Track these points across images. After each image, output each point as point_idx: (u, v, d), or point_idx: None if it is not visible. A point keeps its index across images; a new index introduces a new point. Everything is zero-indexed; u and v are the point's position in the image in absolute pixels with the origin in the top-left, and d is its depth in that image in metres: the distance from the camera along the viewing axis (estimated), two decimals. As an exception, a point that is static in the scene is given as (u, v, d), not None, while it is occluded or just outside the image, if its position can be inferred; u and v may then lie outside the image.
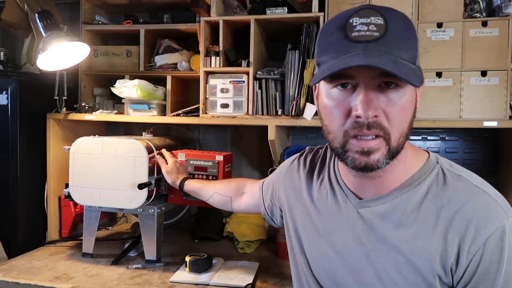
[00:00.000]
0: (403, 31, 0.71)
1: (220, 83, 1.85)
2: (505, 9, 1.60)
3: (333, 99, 0.75)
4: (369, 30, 0.68)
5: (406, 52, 0.70)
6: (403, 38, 0.70)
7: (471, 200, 0.75)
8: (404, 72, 0.66)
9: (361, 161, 0.73)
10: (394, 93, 0.71)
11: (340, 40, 0.70)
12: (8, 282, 1.55)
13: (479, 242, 0.72)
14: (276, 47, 2.09)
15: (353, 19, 0.70)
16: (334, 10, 1.74)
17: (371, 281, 0.81)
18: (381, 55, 0.67)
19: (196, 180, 1.62)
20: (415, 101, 0.77)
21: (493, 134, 2.01)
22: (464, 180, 0.79)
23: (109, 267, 1.70)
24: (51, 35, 1.69)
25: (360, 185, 0.85)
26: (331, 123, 0.76)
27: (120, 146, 1.69)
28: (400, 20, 0.71)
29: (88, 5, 2.20)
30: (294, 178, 1.03)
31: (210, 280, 1.56)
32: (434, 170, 0.81)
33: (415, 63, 0.72)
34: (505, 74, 1.61)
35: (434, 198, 0.78)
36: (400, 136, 0.73)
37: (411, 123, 0.75)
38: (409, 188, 0.80)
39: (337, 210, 0.88)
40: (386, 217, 0.80)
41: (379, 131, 0.71)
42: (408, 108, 0.74)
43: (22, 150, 1.96)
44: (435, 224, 0.76)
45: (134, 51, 2.10)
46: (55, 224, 2.08)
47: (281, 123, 1.77)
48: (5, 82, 1.93)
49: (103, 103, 2.19)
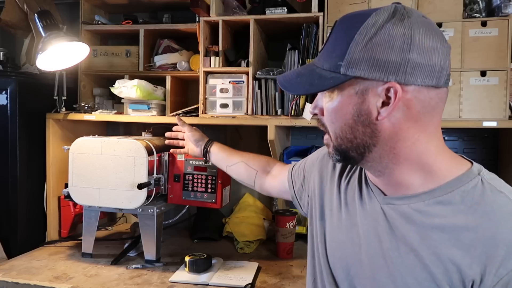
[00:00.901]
0: (337, 38, 0.75)
1: (220, 83, 1.86)
2: (504, 9, 1.60)
3: None
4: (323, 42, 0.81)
5: (328, 60, 0.76)
6: (332, 46, 0.76)
7: (508, 220, 0.70)
8: (288, 85, 0.82)
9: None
10: (326, 97, 0.79)
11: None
12: (7, 282, 1.55)
13: (509, 267, 0.67)
14: (276, 47, 2.09)
15: None
16: (333, 10, 1.74)
17: (385, 280, 0.79)
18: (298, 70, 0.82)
19: (219, 145, 1.55)
20: (358, 108, 0.74)
21: (492, 134, 2.01)
22: (504, 197, 0.72)
23: (109, 267, 1.70)
24: (51, 35, 1.69)
25: (381, 182, 0.84)
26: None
27: (119, 146, 1.69)
28: (343, 25, 0.76)
29: (87, 5, 2.20)
30: (329, 165, 1.02)
31: (209, 280, 1.56)
32: (473, 181, 0.75)
33: (337, 71, 0.73)
34: (505, 74, 1.61)
35: (466, 209, 0.72)
36: (336, 137, 0.79)
37: (351, 128, 0.76)
38: (440, 194, 0.75)
39: (363, 204, 0.87)
40: (410, 218, 0.77)
41: (321, 126, 0.83)
42: (336, 112, 0.77)
43: (22, 150, 1.96)
44: (461, 236, 0.71)
45: (134, 51, 2.10)
46: (54, 224, 2.08)
47: (281, 123, 1.77)
48: (4, 82, 1.93)
49: (102, 103, 2.19)
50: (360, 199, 0.89)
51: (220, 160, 1.49)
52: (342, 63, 0.72)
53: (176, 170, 1.80)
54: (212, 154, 1.50)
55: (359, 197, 0.89)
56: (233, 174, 1.45)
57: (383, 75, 0.70)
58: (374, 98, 0.73)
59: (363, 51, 0.71)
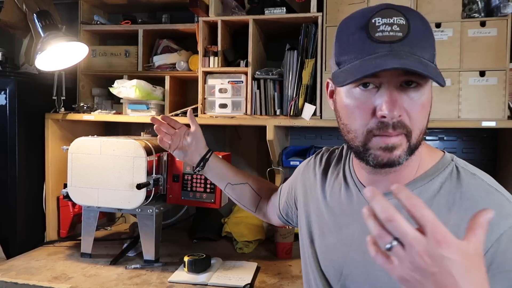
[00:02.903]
0: (423, 30, 0.72)
1: (219, 83, 1.85)
2: (503, 9, 1.59)
3: (355, 98, 0.75)
4: (392, 31, 0.69)
5: (426, 51, 0.72)
6: (423, 38, 0.72)
7: (484, 197, 0.76)
8: (432, 72, 0.68)
9: (383, 157, 0.75)
10: (415, 92, 0.72)
11: (363, 40, 0.71)
12: (6, 282, 1.55)
13: (492, 239, 0.71)
14: (275, 47, 2.09)
15: (375, 19, 0.71)
16: (332, 10, 1.74)
17: (379, 273, 0.81)
18: (407, 56, 0.68)
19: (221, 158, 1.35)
20: (431, 99, 0.78)
21: (491, 134, 2.01)
22: (478, 178, 0.79)
23: (108, 267, 1.70)
24: (50, 35, 1.69)
25: (373, 181, 0.85)
26: (352, 123, 0.77)
27: (118, 146, 1.69)
28: (419, 20, 0.73)
29: (86, 5, 2.20)
30: (310, 175, 1.04)
31: (208, 280, 1.56)
32: (448, 168, 0.81)
33: (433, 62, 0.73)
34: (504, 74, 1.61)
35: (446, 194, 0.78)
36: (420, 133, 0.75)
37: (428, 119, 0.77)
38: (422, 184, 0.81)
39: (350, 205, 0.89)
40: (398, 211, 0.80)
41: (402, 129, 0.73)
42: (427, 106, 0.76)
43: (21, 150, 1.96)
44: (446, 219, 0.74)
45: (133, 51, 2.10)
46: (53, 224, 2.08)
47: (280, 123, 1.77)
48: (3, 82, 1.93)
49: (101, 103, 2.19)
50: (347, 200, 0.90)
51: (222, 175, 1.30)
52: (435, 54, 0.74)
53: (175, 170, 1.80)
54: (212, 166, 1.28)
55: (346, 197, 0.91)
56: (234, 194, 1.30)
57: None
58: (431, 89, 0.77)
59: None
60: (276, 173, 1.96)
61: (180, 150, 1.28)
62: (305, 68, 1.73)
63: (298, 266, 1.74)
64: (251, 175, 1.33)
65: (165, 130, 1.28)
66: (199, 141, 1.29)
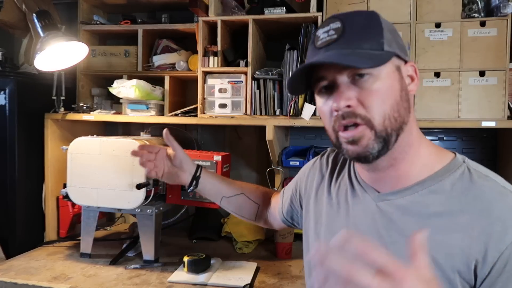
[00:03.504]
0: (363, 25, 0.77)
1: (218, 83, 1.85)
2: (503, 9, 1.60)
3: (320, 102, 0.83)
4: (328, 36, 0.77)
5: (366, 41, 0.76)
6: (362, 30, 0.77)
7: (498, 199, 0.75)
8: (350, 60, 0.73)
9: (353, 150, 0.78)
10: (366, 81, 0.76)
11: (311, 51, 0.82)
12: (6, 283, 1.55)
13: (507, 241, 0.71)
14: (274, 47, 2.09)
15: (318, 31, 0.80)
16: (332, 10, 1.74)
17: None
18: (337, 51, 0.76)
19: (211, 172, 1.30)
20: (399, 81, 0.79)
21: (491, 134, 2.01)
22: (491, 180, 0.79)
23: (107, 267, 1.70)
24: (49, 35, 1.69)
25: (377, 179, 0.86)
26: (326, 124, 0.83)
27: (118, 146, 1.69)
28: (360, 17, 0.79)
29: (86, 5, 2.20)
30: (317, 177, 1.04)
31: (208, 280, 1.56)
32: (460, 169, 0.81)
33: (382, 49, 0.76)
34: (503, 74, 1.61)
35: (458, 195, 0.78)
36: (384, 118, 0.76)
37: (398, 103, 0.77)
38: (431, 184, 0.80)
39: (356, 205, 0.89)
40: (407, 210, 0.81)
41: (355, 119, 0.76)
42: (386, 91, 0.76)
43: (20, 150, 1.96)
44: (458, 220, 0.76)
45: (132, 51, 2.10)
46: (53, 224, 2.08)
47: (279, 123, 1.77)
48: (3, 82, 1.93)
49: (101, 103, 2.19)
50: (353, 200, 0.91)
51: (215, 189, 1.24)
52: (384, 41, 0.77)
53: (174, 170, 1.80)
54: (204, 182, 1.22)
55: (352, 198, 0.91)
56: (231, 207, 1.26)
57: (403, 55, 0.81)
58: (404, 74, 0.80)
59: (391, 34, 0.79)
60: (276, 173, 1.96)
61: (170, 174, 1.22)
62: (305, 68, 1.73)
63: (297, 266, 1.74)
64: (245, 183, 1.30)
65: (146, 158, 1.20)
66: (183, 160, 1.21)
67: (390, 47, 0.78)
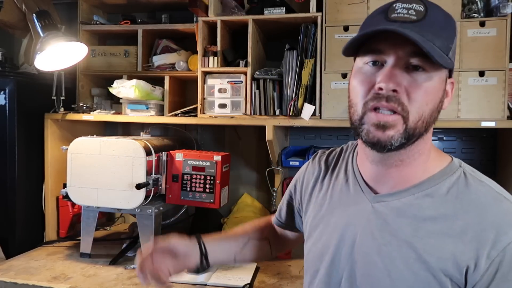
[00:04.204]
0: (442, 22, 0.75)
1: (218, 83, 1.85)
2: (503, 9, 1.59)
3: (362, 74, 0.78)
4: (408, 14, 0.72)
5: (439, 39, 0.72)
6: (440, 28, 0.74)
7: (493, 205, 0.75)
8: (429, 47, 0.68)
9: (375, 134, 0.75)
10: (419, 75, 0.73)
11: (380, 20, 0.75)
12: (6, 282, 1.55)
13: (499, 248, 0.71)
14: (274, 47, 2.09)
15: (396, 4, 0.74)
16: (332, 10, 1.74)
17: (380, 275, 0.80)
18: (412, 32, 0.70)
19: (209, 236, 1.15)
20: (443, 91, 0.78)
21: (491, 134, 2.01)
22: (486, 185, 0.79)
23: (107, 267, 1.70)
24: (49, 35, 1.69)
25: (377, 176, 0.85)
26: (355, 96, 0.78)
27: (118, 146, 1.69)
28: (441, 14, 0.76)
29: (85, 5, 2.20)
30: (311, 181, 1.03)
31: (208, 280, 1.56)
32: (456, 173, 0.81)
33: (447, 54, 0.74)
34: (503, 74, 1.61)
35: (453, 199, 0.77)
36: (420, 119, 0.74)
37: (434, 111, 0.77)
38: (428, 187, 0.80)
39: (352, 205, 0.88)
40: (402, 212, 0.80)
41: (397, 106, 0.73)
42: (432, 93, 0.75)
43: (20, 150, 1.96)
44: (452, 225, 0.75)
45: (132, 51, 2.10)
46: (53, 224, 2.08)
47: (279, 123, 1.77)
48: (3, 82, 1.93)
49: (101, 103, 2.19)
50: (348, 200, 0.90)
51: (225, 249, 1.13)
52: (452, 47, 0.75)
53: (174, 170, 1.80)
54: (212, 253, 1.08)
55: (347, 199, 0.90)
56: (247, 256, 1.14)
57: (452, 72, 0.80)
58: (445, 88, 0.78)
59: (455, 45, 0.77)
60: (276, 173, 1.96)
61: (177, 267, 1.04)
62: (305, 68, 1.73)
63: (297, 266, 1.74)
64: (245, 226, 1.19)
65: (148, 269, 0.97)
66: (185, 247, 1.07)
67: (453, 56, 0.76)
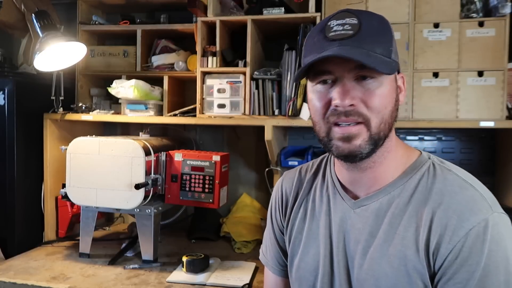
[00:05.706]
0: (378, 29, 0.79)
1: (217, 83, 1.85)
2: (501, 9, 1.60)
3: (316, 92, 0.82)
4: (344, 30, 0.76)
5: (379, 46, 0.77)
6: (376, 34, 0.78)
7: (458, 192, 0.78)
8: (371, 61, 0.73)
9: (343, 147, 0.79)
10: (370, 84, 0.77)
11: (320, 41, 0.79)
12: (5, 283, 1.55)
13: (461, 234, 0.74)
14: (273, 47, 2.09)
15: (330, 22, 0.79)
16: (331, 10, 1.74)
17: (365, 276, 0.82)
18: (353, 48, 0.74)
19: None
20: (396, 90, 0.82)
21: (489, 134, 2.01)
22: (453, 174, 0.82)
23: (106, 267, 1.70)
24: (48, 35, 1.69)
25: (354, 180, 0.88)
26: (316, 115, 0.83)
27: (117, 146, 1.69)
28: (375, 21, 0.79)
29: (84, 5, 2.20)
30: (288, 201, 1.02)
31: (207, 280, 1.56)
32: (426, 165, 0.85)
33: (390, 57, 0.78)
34: (502, 74, 1.61)
35: (423, 190, 0.81)
36: (381, 122, 0.78)
37: (393, 111, 0.81)
38: (401, 183, 0.84)
39: (334, 215, 0.91)
40: (381, 213, 0.84)
41: (357, 117, 0.77)
42: (388, 96, 0.79)
43: (19, 150, 1.96)
44: (422, 215, 0.79)
45: (131, 51, 2.10)
46: (52, 224, 2.08)
47: (278, 123, 1.77)
48: (2, 82, 1.93)
49: (100, 103, 2.19)
50: (329, 211, 0.92)
51: None
52: (392, 49, 0.79)
53: (173, 170, 1.80)
54: None
55: (328, 210, 0.92)
56: None
57: (399, 67, 0.83)
58: (397, 85, 0.83)
59: (395, 43, 0.81)
60: (275, 173, 1.96)
61: None
62: (304, 68, 1.73)
63: (296, 266, 1.74)
64: None
65: None
66: None
67: (396, 56, 0.81)
